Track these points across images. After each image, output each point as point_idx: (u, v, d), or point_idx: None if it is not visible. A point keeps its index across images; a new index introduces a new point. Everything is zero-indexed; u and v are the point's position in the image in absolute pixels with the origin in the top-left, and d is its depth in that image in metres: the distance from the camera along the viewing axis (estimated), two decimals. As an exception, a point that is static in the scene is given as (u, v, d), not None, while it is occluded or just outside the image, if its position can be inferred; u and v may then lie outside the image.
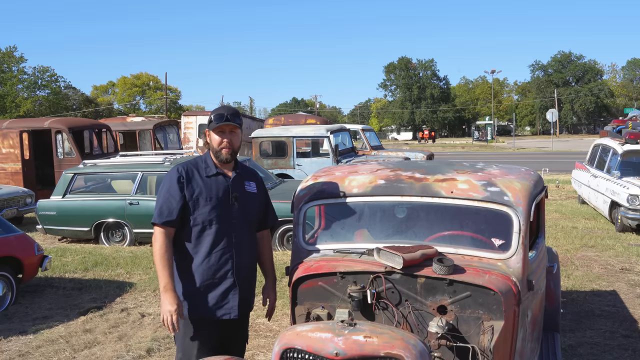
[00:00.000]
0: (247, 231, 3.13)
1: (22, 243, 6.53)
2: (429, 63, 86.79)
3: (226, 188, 3.06)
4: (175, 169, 3.06)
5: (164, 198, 2.99)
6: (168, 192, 2.99)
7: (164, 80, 62.73)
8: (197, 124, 21.17)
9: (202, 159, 3.12)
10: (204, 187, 3.02)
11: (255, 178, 3.26)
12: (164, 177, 3.10)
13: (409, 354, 2.26)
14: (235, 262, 3.05)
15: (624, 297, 6.16)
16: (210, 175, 3.06)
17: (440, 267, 2.74)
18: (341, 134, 14.52)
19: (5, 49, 58.79)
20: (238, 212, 3.07)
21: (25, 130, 14.27)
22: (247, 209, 3.13)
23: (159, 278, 2.94)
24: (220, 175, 3.08)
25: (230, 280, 3.04)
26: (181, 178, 3.00)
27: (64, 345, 5.17)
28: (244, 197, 3.11)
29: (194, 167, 3.08)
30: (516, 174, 3.31)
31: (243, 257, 3.10)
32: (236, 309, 3.05)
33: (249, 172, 3.25)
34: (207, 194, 3.01)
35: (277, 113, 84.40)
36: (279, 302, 6.11)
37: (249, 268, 3.18)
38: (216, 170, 3.08)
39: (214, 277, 3.01)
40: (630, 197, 9.03)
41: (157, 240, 2.96)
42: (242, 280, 3.10)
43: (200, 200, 2.99)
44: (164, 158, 9.55)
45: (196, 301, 3.01)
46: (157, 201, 3.03)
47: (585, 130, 78.27)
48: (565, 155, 30.64)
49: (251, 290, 3.24)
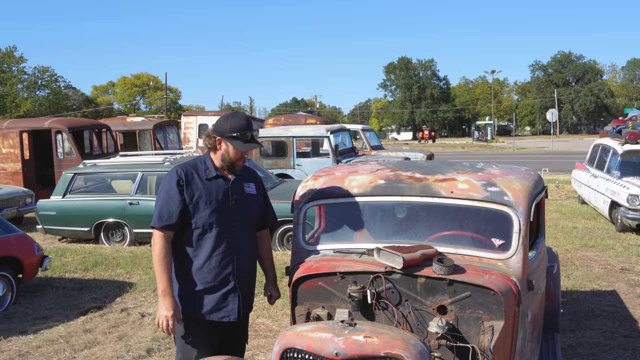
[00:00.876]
0: (247, 233, 3.12)
1: (22, 243, 6.53)
2: (429, 63, 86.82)
3: (226, 191, 3.03)
4: (174, 171, 3.01)
5: (163, 201, 2.96)
6: (167, 195, 2.96)
7: (164, 80, 62.83)
8: (197, 124, 21.20)
9: (201, 161, 3.08)
10: (203, 190, 2.99)
11: (254, 178, 3.25)
12: (163, 179, 3.06)
13: (409, 354, 2.26)
14: (236, 265, 3.04)
15: (624, 297, 6.16)
16: (210, 178, 3.03)
17: (440, 267, 2.74)
18: (341, 134, 14.52)
19: (5, 49, 58.87)
20: (238, 214, 3.05)
21: (25, 130, 14.27)
22: (247, 211, 3.12)
23: (158, 282, 2.92)
24: (220, 178, 3.05)
25: (231, 283, 3.03)
26: (180, 181, 2.96)
27: (64, 345, 5.17)
28: (243, 199, 3.10)
29: (193, 169, 3.04)
30: (516, 174, 3.31)
31: (243, 260, 3.09)
32: (236, 311, 3.04)
33: (248, 173, 3.23)
34: (207, 197, 2.98)
35: (277, 113, 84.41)
36: (279, 302, 6.11)
37: (249, 270, 3.17)
38: (216, 172, 3.05)
39: (214, 280, 3.00)
40: (630, 197, 9.03)
41: (157, 244, 2.94)
42: (243, 282, 3.09)
43: (200, 204, 2.97)
44: (164, 158, 9.54)
45: (196, 303, 3.00)
46: (156, 204, 3.00)
47: (585, 130, 78.28)
48: (565, 155, 30.64)
49: (251, 292, 3.23)
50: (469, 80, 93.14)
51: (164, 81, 64.81)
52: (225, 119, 3.02)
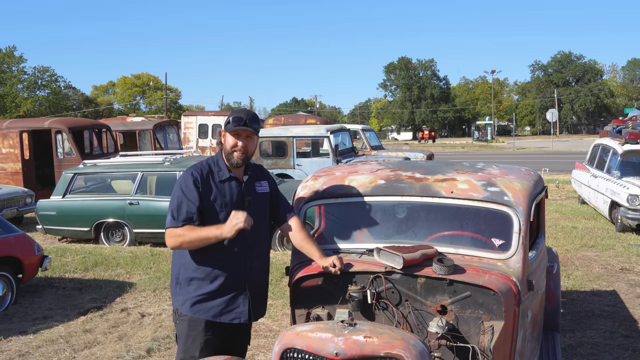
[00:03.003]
0: (260, 234, 3.10)
1: (22, 243, 6.53)
2: (429, 63, 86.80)
3: (239, 193, 3.02)
4: (190, 172, 2.98)
5: (179, 201, 2.92)
6: (185, 196, 2.91)
7: (164, 80, 62.79)
8: (197, 124, 21.20)
9: (214, 162, 3.06)
10: (218, 192, 2.97)
11: (264, 175, 3.23)
12: (178, 179, 3.03)
13: (409, 354, 2.26)
14: (248, 267, 3.03)
15: (624, 297, 6.16)
16: (223, 180, 3.01)
17: (440, 267, 2.74)
18: (341, 134, 14.52)
19: (5, 49, 58.86)
20: (252, 216, 3.01)
21: (25, 130, 14.27)
22: (260, 212, 3.10)
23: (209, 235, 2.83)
24: (234, 180, 3.03)
25: (242, 285, 3.02)
26: (197, 182, 2.94)
27: (64, 345, 5.17)
28: (256, 200, 3.09)
29: (207, 171, 3.01)
30: (516, 174, 3.31)
31: (255, 262, 3.08)
32: (246, 313, 3.03)
33: (259, 171, 3.22)
34: (222, 200, 2.97)
35: (277, 113, 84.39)
36: (279, 302, 6.12)
37: (261, 271, 3.16)
38: (229, 174, 3.02)
39: (226, 282, 2.97)
40: (630, 197, 9.03)
41: (179, 235, 2.87)
42: (254, 284, 3.08)
43: (216, 206, 2.95)
44: (164, 158, 9.54)
45: (207, 304, 2.98)
46: (171, 204, 2.95)
47: (585, 130, 78.25)
48: (565, 155, 30.63)
49: (263, 295, 3.21)
50: (469, 80, 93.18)
51: (164, 81, 64.83)
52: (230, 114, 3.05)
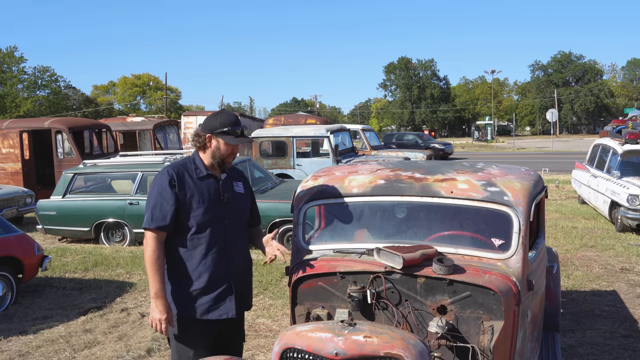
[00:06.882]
0: (239, 231, 3.13)
1: (22, 243, 6.53)
2: (429, 63, 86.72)
3: (217, 189, 3.04)
4: (165, 171, 2.98)
5: (155, 202, 2.93)
6: (160, 196, 2.93)
7: (164, 81, 62.77)
8: (197, 124, 21.10)
9: (191, 161, 3.07)
10: (195, 189, 2.98)
11: (242, 178, 3.27)
12: (154, 179, 3.03)
13: (408, 354, 2.26)
14: (231, 263, 3.05)
15: (624, 297, 6.16)
16: (201, 177, 3.02)
17: (440, 267, 2.74)
18: (341, 134, 14.54)
19: (5, 49, 58.87)
20: (230, 213, 3.06)
21: (25, 130, 14.27)
22: (238, 210, 3.13)
23: (150, 284, 2.90)
24: (211, 178, 3.05)
25: (227, 281, 3.03)
26: (172, 180, 2.94)
27: (64, 345, 5.18)
28: (234, 198, 3.11)
29: (183, 169, 3.02)
30: (516, 174, 3.31)
31: (238, 258, 3.10)
32: (233, 308, 3.04)
33: (236, 172, 3.26)
34: (200, 197, 2.97)
35: (277, 113, 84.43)
36: (279, 302, 6.13)
37: (244, 267, 3.18)
38: (206, 171, 3.05)
39: (210, 279, 2.98)
40: (630, 197, 9.03)
41: (149, 246, 2.90)
42: (238, 280, 3.10)
43: (193, 203, 2.96)
44: (164, 158, 9.54)
45: (192, 304, 2.98)
46: (147, 204, 2.97)
47: (585, 130, 78.22)
48: (565, 155, 30.63)
49: (248, 290, 3.24)
50: (469, 80, 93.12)
51: (164, 81, 64.79)
52: (214, 116, 3.04)
